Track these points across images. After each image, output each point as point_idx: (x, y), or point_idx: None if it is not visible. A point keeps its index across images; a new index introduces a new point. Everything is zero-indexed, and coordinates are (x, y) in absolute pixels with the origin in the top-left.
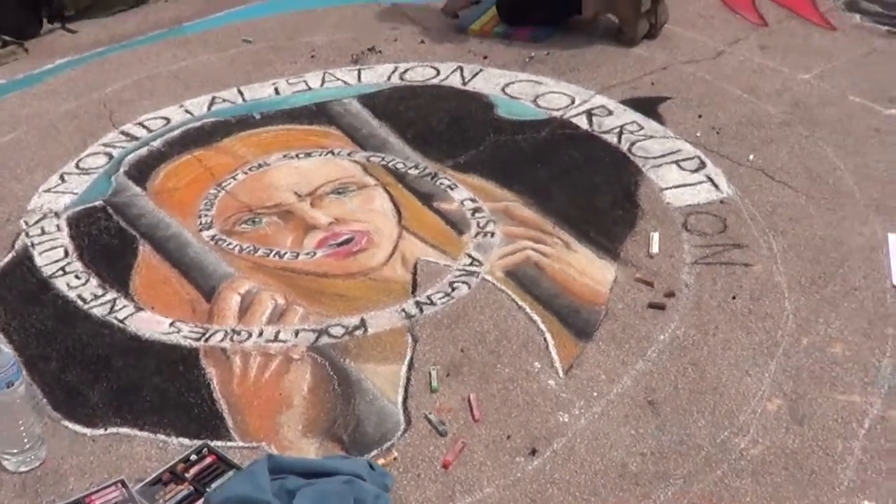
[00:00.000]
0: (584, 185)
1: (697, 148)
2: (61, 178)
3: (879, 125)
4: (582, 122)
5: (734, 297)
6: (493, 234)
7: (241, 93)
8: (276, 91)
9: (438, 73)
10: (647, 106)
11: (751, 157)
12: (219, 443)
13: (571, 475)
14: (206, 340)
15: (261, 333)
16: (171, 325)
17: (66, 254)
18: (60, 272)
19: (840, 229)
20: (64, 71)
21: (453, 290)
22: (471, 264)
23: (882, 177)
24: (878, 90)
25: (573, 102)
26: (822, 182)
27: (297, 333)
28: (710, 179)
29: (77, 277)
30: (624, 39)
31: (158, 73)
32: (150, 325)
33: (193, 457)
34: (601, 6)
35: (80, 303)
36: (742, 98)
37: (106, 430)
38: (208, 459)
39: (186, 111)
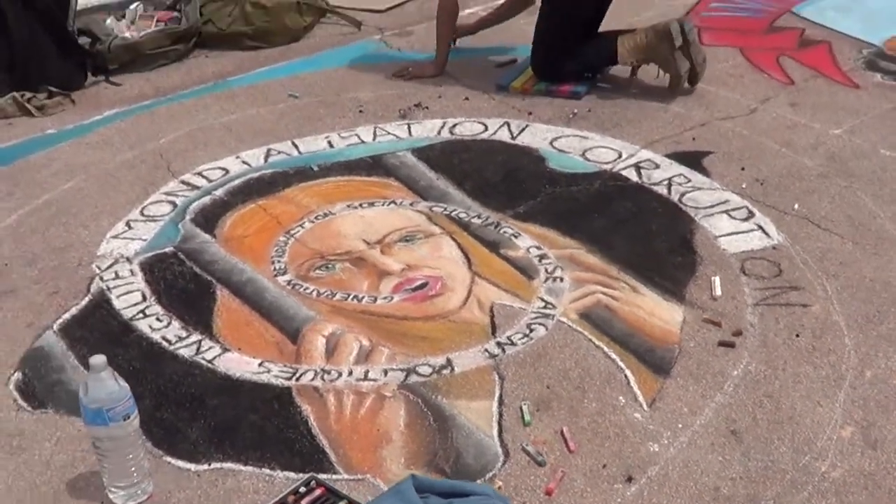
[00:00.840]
0: (642, 233)
1: (744, 198)
2: (127, 224)
3: None
4: (631, 175)
5: (797, 335)
6: (562, 280)
7: (295, 145)
8: (330, 144)
9: (486, 128)
10: (692, 159)
11: (795, 206)
12: (324, 476)
13: (668, 499)
14: (297, 380)
15: (350, 373)
16: (260, 365)
17: (144, 297)
18: (141, 315)
19: (887, 272)
20: (114, 122)
21: (531, 331)
22: (545, 307)
23: None
24: None
25: (620, 156)
26: (864, 229)
27: (385, 372)
28: (761, 227)
29: (158, 320)
30: (671, 82)
31: (210, 125)
32: (240, 365)
33: (302, 489)
34: (636, 54)
35: (165, 344)
36: (780, 152)
37: (210, 465)
38: (317, 491)
39: (244, 162)
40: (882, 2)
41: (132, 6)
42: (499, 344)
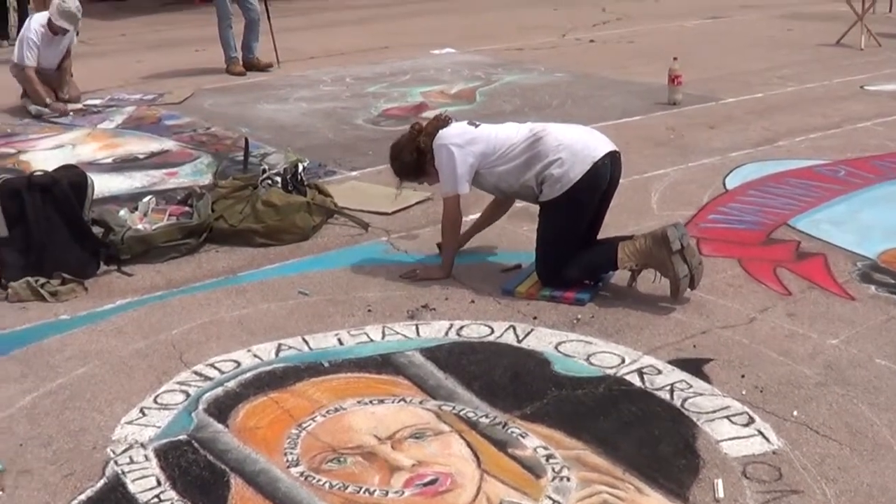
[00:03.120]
0: (646, 436)
1: (744, 405)
2: (141, 411)
3: None
4: (635, 380)
5: None
6: (569, 479)
7: (305, 341)
8: (340, 342)
9: (493, 330)
10: (693, 366)
11: (794, 412)
12: None
13: None
14: None
15: None
16: None
17: (159, 483)
18: (156, 500)
19: (884, 477)
20: (126, 311)
21: None
22: None
23: None
24: None
25: (624, 361)
26: (861, 436)
27: None
28: (761, 433)
29: None
30: (672, 287)
31: (221, 318)
32: None
33: None
34: (635, 259)
35: None
36: (778, 360)
37: None
38: None
39: (255, 356)
40: (875, 216)
41: (145, 199)
42: None
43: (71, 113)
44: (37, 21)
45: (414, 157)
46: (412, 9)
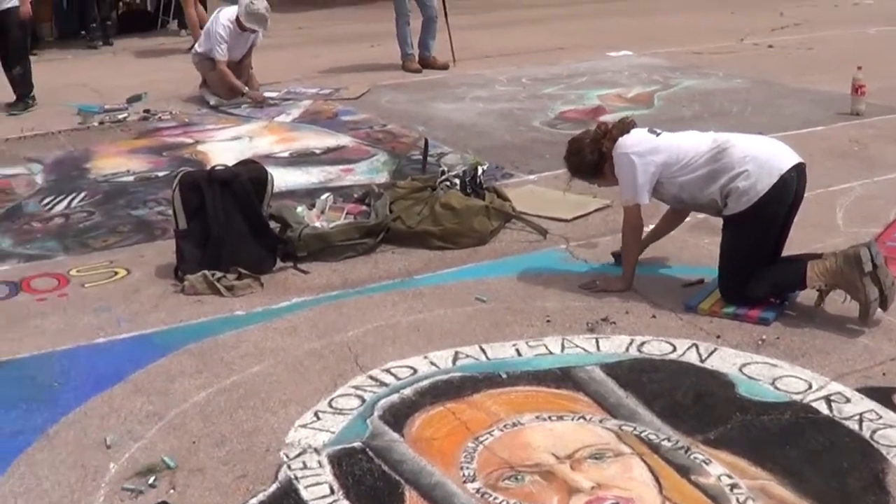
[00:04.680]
0: (834, 468)
1: None
2: (315, 415)
3: None
4: (822, 408)
5: None
6: None
7: (483, 350)
8: (518, 352)
9: (675, 348)
10: (883, 395)
11: None
12: None
13: None
14: None
15: None
16: None
17: (332, 491)
18: None
19: None
20: (302, 309)
21: None
22: None
23: None
24: None
25: (811, 387)
26: None
27: None
28: None
29: None
30: (861, 310)
31: (397, 322)
32: None
33: None
34: (825, 278)
35: None
36: None
37: None
38: None
39: (432, 363)
40: None
41: (323, 196)
42: None
43: (265, 102)
44: (225, 16)
45: (595, 158)
46: (586, 10)
